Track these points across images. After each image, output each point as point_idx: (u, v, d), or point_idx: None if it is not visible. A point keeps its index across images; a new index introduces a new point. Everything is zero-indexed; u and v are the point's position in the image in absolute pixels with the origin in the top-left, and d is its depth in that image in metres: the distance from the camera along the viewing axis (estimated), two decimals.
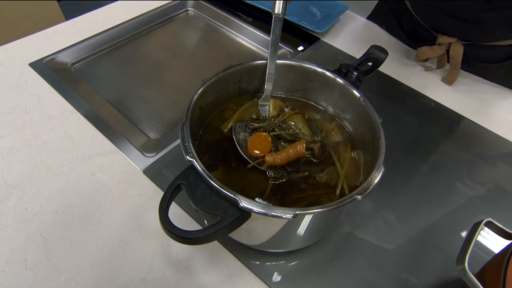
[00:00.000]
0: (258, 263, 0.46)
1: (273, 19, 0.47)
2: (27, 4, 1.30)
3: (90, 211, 0.48)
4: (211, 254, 0.46)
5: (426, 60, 0.75)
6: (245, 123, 0.47)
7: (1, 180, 0.50)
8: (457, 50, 0.69)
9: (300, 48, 0.78)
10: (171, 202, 0.35)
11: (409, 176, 0.58)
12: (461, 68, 0.73)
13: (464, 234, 0.51)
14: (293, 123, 0.48)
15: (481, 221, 0.39)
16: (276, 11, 0.47)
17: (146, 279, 0.43)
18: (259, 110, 0.50)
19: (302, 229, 0.39)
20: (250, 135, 0.46)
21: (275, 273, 0.45)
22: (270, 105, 0.50)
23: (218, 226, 0.32)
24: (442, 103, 0.70)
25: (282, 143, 0.47)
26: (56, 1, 1.40)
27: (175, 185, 0.35)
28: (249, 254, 0.46)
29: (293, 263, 0.47)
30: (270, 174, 0.43)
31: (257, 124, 0.47)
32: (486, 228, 0.41)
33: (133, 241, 0.46)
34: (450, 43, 0.69)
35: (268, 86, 0.49)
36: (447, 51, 0.71)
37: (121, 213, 0.49)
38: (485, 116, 0.68)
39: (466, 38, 0.68)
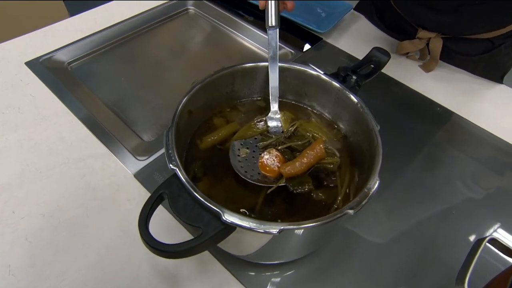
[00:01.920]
0: (252, 274, 0.44)
1: (268, 33, 0.45)
2: (33, 3, 1.30)
3: (77, 215, 0.47)
4: (200, 263, 0.45)
5: (407, 53, 0.76)
6: (248, 140, 0.45)
7: None
8: (437, 44, 0.70)
9: (304, 48, 0.76)
10: (152, 212, 0.33)
11: (409, 184, 0.55)
12: (442, 60, 0.74)
13: (471, 238, 0.49)
14: (307, 133, 0.45)
15: (484, 238, 0.37)
16: (270, 24, 0.45)
17: (132, 287, 0.42)
18: (269, 127, 0.47)
19: (292, 242, 0.37)
20: (259, 154, 0.43)
21: (268, 285, 0.43)
22: (281, 119, 0.47)
23: (199, 240, 0.30)
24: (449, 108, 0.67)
25: (297, 154, 0.43)
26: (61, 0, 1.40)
27: (157, 195, 0.33)
28: (240, 264, 0.44)
29: (289, 273, 0.45)
30: (293, 188, 0.40)
31: (266, 142, 0.44)
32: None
33: (120, 247, 0.45)
34: (430, 38, 0.70)
35: (273, 102, 0.47)
36: (427, 44, 0.72)
37: (109, 218, 0.47)
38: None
39: (445, 32, 0.68)
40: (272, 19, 0.44)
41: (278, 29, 0.45)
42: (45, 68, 0.66)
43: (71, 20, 0.77)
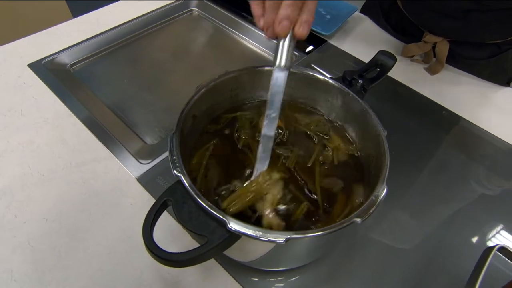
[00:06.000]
0: (256, 279, 0.43)
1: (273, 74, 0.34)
2: (35, 4, 1.29)
3: (80, 220, 0.47)
4: (204, 270, 0.44)
5: (412, 56, 0.75)
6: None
7: None
8: (443, 48, 0.70)
9: (308, 50, 0.75)
10: (156, 220, 0.33)
11: (415, 190, 0.55)
12: (448, 63, 0.74)
13: (480, 245, 0.48)
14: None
15: (493, 247, 0.36)
16: (278, 64, 0.34)
17: None
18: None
19: (297, 250, 0.37)
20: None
21: None
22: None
23: (204, 248, 0.30)
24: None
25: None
26: (64, 0, 1.39)
27: (161, 202, 0.32)
28: (243, 270, 0.44)
29: (293, 279, 0.44)
30: None
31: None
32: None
33: (123, 253, 0.44)
34: (436, 42, 0.70)
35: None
36: (433, 47, 0.71)
37: (112, 223, 0.47)
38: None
39: (452, 37, 0.68)
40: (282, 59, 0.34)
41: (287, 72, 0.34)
42: (48, 70, 0.65)
43: (74, 21, 0.76)
